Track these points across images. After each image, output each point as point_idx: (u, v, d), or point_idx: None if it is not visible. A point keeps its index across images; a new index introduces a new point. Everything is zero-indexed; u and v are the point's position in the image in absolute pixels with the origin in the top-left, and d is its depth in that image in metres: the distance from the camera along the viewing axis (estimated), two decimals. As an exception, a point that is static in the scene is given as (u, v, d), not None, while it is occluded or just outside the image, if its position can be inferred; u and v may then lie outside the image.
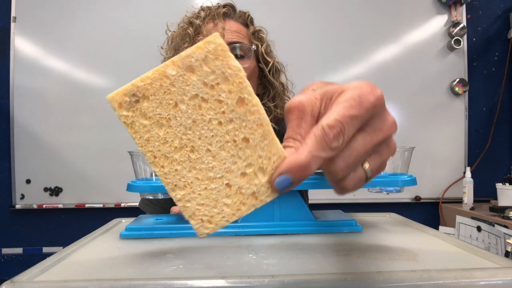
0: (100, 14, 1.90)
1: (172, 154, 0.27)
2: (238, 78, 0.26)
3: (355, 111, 0.26)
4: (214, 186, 0.28)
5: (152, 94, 0.27)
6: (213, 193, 0.28)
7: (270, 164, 0.27)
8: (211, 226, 0.28)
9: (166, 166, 0.28)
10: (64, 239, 1.89)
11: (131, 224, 0.52)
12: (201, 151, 0.27)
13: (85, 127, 1.89)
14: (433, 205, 2.00)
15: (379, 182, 0.51)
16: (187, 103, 0.27)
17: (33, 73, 1.87)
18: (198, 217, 0.28)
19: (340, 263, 0.37)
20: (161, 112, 0.27)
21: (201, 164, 0.27)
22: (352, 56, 1.98)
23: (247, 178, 0.27)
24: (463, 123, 2.00)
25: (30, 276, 0.33)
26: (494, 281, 0.32)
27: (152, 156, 0.27)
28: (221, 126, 0.27)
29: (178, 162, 0.27)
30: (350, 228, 0.52)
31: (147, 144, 0.27)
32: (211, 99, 0.27)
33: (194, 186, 0.28)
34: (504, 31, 2.04)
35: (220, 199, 0.28)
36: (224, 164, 0.27)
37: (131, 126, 0.27)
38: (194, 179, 0.28)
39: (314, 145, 0.25)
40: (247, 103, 0.26)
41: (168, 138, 0.27)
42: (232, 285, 0.31)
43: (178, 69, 0.26)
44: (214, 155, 0.27)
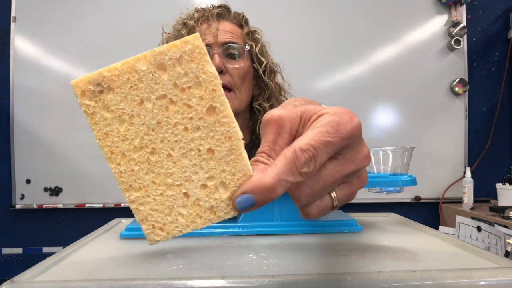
0: (100, 14, 1.90)
1: (131, 153, 0.26)
2: (212, 85, 0.25)
3: (330, 138, 0.25)
4: (170, 193, 0.26)
5: (118, 87, 0.25)
6: (169, 200, 0.26)
7: (234, 180, 0.26)
8: (162, 234, 0.27)
9: (123, 165, 0.26)
10: (64, 239, 1.89)
11: (131, 224, 0.52)
12: (162, 155, 0.26)
13: (85, 127, 1.88)
14: (433, 205, 2.00)
15: (379, 182, 0.51)
16: (154, 102, 0.25)
17: (33, 73, 1.87)
18: (150, 223, 0.27)
19: (340, 263, 0.37)
20: (125, 107, 0.25)
21: (160, 168, 0.26)
22: (352, 56, 1.97)
23: (207, 190, 0.26)
24: (463, 123, 2.00)
25: (30, 276, 0.33)
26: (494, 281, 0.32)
27: (109, 152, 0.26)
28: (186, 132, 0.25)
29: (136, 163, 0.26)
30: (350, 228, 0.52)
31: (105, 138, 0.26)
32: (180, 103, 0.25)
33: (149, 189, 0.26)
34: (504, 31, 2.04)
35: (175, 207, 0.26)
36: (185, 172, 0.26)
37: (91, 117, 0.26)
38: (151, 182, 0.26)
39: (283, 167, 0.24)
40: (218, 113, 0.25)
41: (129, 135, 0.26)
42: (232, 285, 0.31)
43: (149, 65, 0.25)
44: (175, 161, 0.26)
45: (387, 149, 0.52)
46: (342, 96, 1.94)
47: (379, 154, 0.52)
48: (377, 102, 1.99)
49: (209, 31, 0.78)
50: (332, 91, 1.94)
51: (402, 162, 0.52)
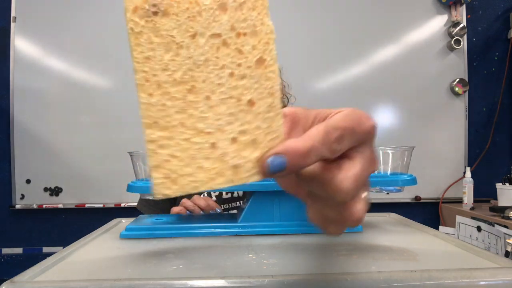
0: (100, 14, 1.90)
1: (168, 86, 0.24)
2: (267, 37, 0.24)
3: (356, 127, 0.25)
4: (198, 141, 0.24)
5: (175, 13, 0.23)
6: (193, 148, 0.24)
7: (266, 141, 0.24)
8: (174, 188, 0.24)
9: (155, 96, 0.24)
10: (64, 239, 1.89)
11: (131, 224, 0.52)
12: (201, 95, 0.24)
13: (85, 127, 1.89)
14: (433, 205, 2.00)
15: (379, 181, 0.51)
16: (207, 38, 0.24)
17: (33, 73, 1.87)
18: (164, 171, 0.23)
19: (340, 263, 0.37)
20: (176, 36, 0.23)
21: (195, 110, 0.24)
22: (352, 56, 1.97)
23: (236, 146, 0.24)
24: (463, 123, 2.00)
25: (30, 276, 0.33)
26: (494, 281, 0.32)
27: (144, 79, 0.24)
28: (232, 77, 0.24)
29: (171, 97, 0.24)
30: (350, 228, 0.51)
31: (145, 62, 0.24)
32: (233, 46, 0.24)
33: (175, 131, 0.24)
34: (504, 31, 2.04)
35: (198, 158, 0.24)
36: (219, 120, 0.24)
37: (136, 36, 0.23)
38: (180, 123, 0.24)
39: (318, 137, 0.23)
40: (266, 66, 0.24)
41: (172, 66, 0.24)
42: (232, 285, 0.31)
43: (212, 2, 0.24)
44: (212, 106, 0.24)
45: (387, 149, 0.52)
46: (342, 96, 1.94)
47: (379, 154, 0.52)
48: (377, 102, 1.99)
49: None
50: (332, 91, 1.94)
51: (402, 161, 0.52)
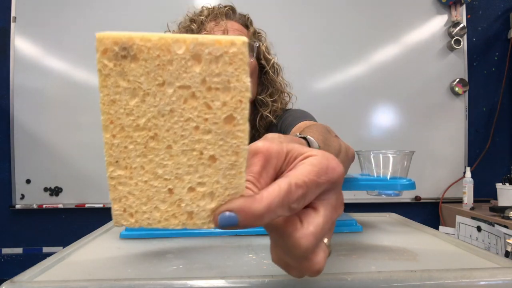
0: (100, 14, 1.90)
1: (131, 130, 0.24)
2: (240, 95, 0.23)
3: (321, 180, 0.25)
4: (155, 184, 0.25)
5: (144, 60, 0.23)
6: (151, 190, 0.25)
7: (224, 195, 0.25)
8: (131, 221, 0.26)
9: (118, 138, 0.24)
10: (64, 239, 1.89)
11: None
12: (162, 144, 0.24)
13: (85, 127, 1.89)
14: (433, 205, 2.00)
15: (378, 185, 0.51)
16: (176, 89, 0.24)
17: (33, 73, 1.87)
18: (123, 205, 0.26)
19: (340, 263, 0.37)
20: (143, 83, 0.23)
21: (155, 156, 0.25)
22: (352, 56, 1.97)
23: (193, 195, 0.25)
24: (463, 123, 2.00)
25: (30, 276, 0.33)
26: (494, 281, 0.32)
27: (109, 121, 0.24)
28: (196, 131, 0.24)
29: (132, 141, 0.24)
30: (350, 228, 0.52)
31: (110, 105, 0.24)
32: (202, 100, 0.24)
33: (135, 173, 0.25)
34: (504, 31, 2.04)
35: (154, 200, 0.25)
36: (178, 169, 0.25)
37: (103, 78, 0.24)
38: (140, 166, 0.25)
39: (276, 198, 0.23)
40: (235, 124, 0.24)
41: (136, 112, 0.24)
42: (232, 285, 0.31)
43: (186, 51, 0.23)
44: (173, 155, 0.24)
45: (387, 153, 0.52)
46: (342, 96, 1.94)
47: (379, 158, 0.52)
48: (377, 102, 1.99)
49: (218, 28, 0.80)
50: (332, 91, 1.93)
51: (402, 166, 0.52)
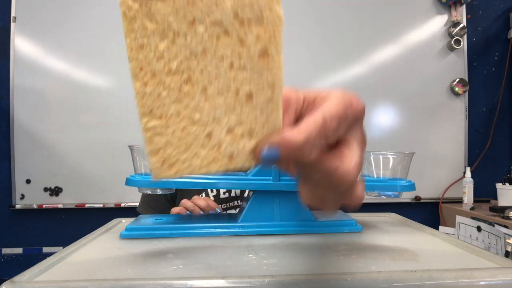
0: (100, 14, 1.90)
1: (163, 75, 0.23)
2: (274, 27, 0.22)
3: (349, 113, 0.25)
4: (193, 130, 0.24)
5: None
6: (189, 137, 0.24)
7: (262, 132, 0.24)
8: (171, 172, 0.24)
9: (150, 86, 0.23)
10: (64, 239, 1.89)
11: (131, 224, 0.52)
12: (197, 87, 0.23)
13: (85, 127, 1.89)
14: (433, 205, 2.00)
15: (377, 186, 0.51)
16: (207, 26, 0.22)
17: (33, 73, 1.87)
18: (161, 156, 0.24)
19: (340, 263, 0.37)
20: (173, 22, 0.22)
21: (191, 100, 0.23)
22: (352, 56, 1.97)
23: (232, 136, 0.24)
24: (463, 123, 2.00)
25: (30, 276, 0.33)
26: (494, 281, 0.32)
27: (138, 67, 0.23)
28: (231, 69, 0.23)
29: (166, 87, 0.23)
30: (350, 228, 0.52)
31: (139, 50, 0.23)
32: (234, 35, 0.22)
33: (172, 120, 0.24)
34: (504, 31, 2.04)
35: (194, 146, 0.24)
36: (215, 111, 0.24)
37: (129, 21, 0.22)
38: (176, 113, 0.24)
39: (313, 129, 0.23)
40: (270, 59, 0.23)
41: (167, 55, 0.23)
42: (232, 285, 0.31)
43: None
44: (208, 97, 0.23)
45: (387, 154, 0.52)
46: (342, 96, 1.93)
47: (379, 158, 0.52)
48: (377, 102, 1.99)
49: None
50: None
51: (402, 167, 0.52)
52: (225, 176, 0.52)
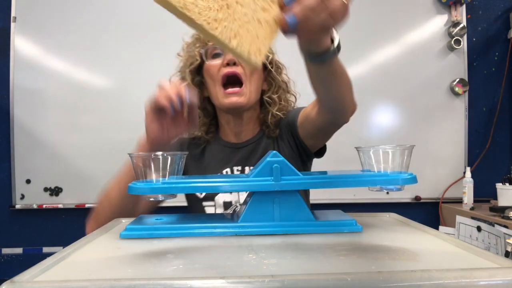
0: (100, 14, 1.90)
1: (217, 15, 0.37)
2: None
3: None
4: (251, 27, 0.39)
5: None
6: (252, 31, 0.39)
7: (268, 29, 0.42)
8: (261, 56, 0.40)
9: (219, 27, 0.37)
10: (64, 239, 1.88)
11: (131, 224, 0.52)
12: (233, 5, 0.38)
13: (85, 127, 1.89)
14: (433, 205, 2.00)
15: (379, 180, 0.51)
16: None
17: (33, 73, 1.87)
18: (252, 53, 0.39)
19: (340, 263, 0.37)
20: None
21: (237, 14, 0.38)
22: (352, 56, 1.97)
23: (267, 12, 0.41)
24: (463, 123, 2.00)
25: (30, 276, 0.33)
26: (494, 281, 0.32)
27: (207, 23, 0.36)
28: (251, 11, 0.40)
29: (224, 19, 0.37)
30: (350, 228, 0.52)
31: (199, 16, 0.36)
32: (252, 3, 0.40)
33: (240, 32, 0.38)
34: (504, 31, 2.04)
35: (258, 33, 0.40)
36: (250, 8, 0.39)
37: (186, 9, 0.35)
38: (239, 27, 0.38)
39: None
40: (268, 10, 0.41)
41: (210, 4, 0.37)
42: (232, 285, 0.31)
43: None
44: (242, 4, 0.39)
45: (387, 148, 0.52)
46: (342, 96, 1.94)
47: (379, 153, 0.52)
48: (377, 102, 1.99)
49: None
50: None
51: (402, 160, 0.52)
52: (225, 179, 0.52)
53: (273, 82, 0.93)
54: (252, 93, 0.87)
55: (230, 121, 0.92)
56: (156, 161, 0.51)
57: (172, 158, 0.51)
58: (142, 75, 1.79)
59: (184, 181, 0.51)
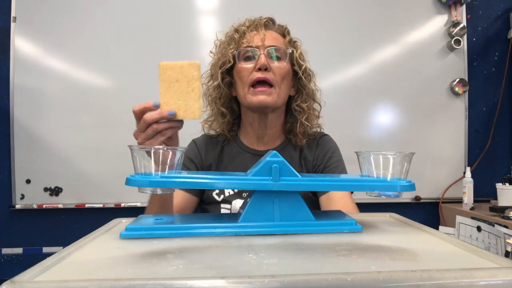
0: (100, 14, 1.90)
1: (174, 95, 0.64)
2: (194, 82, 0.64)
3: None
4: (180, 102, 0.64)
5: None
6: (181, 104, 0.64)
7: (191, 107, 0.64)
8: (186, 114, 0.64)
9: (164, 98, 0.64)
10: (64, 239, 1.89)
11: (131, 224, 0.52)
12: (177, 97, 0.64)
13: (85, 127, 1.89)
14: (433, 205, 2.00)
15: (378, 186, 0.51)
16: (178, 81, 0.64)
17: (33, 73, 1.87)
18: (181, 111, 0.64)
19: (340, 263, 0.37)
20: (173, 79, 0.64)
21: (177, 100, 0.64)
22: (352, 56, 1.97)
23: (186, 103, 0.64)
24: (463, 123, 2.00)
25: (30, 276, 0.33)
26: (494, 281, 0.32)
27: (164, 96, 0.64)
28: (182, 93, 0.64)
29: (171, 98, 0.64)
30: (350, 228, 0.52)
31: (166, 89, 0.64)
32: (184, 84, 0.64)
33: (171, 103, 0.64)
34: (504, 31, 2.04)
35: (185, 104, 0.64)
36: (181, 100, 0.64)
37: (162, 78, 0.64)
38: (178, 101, 0.64)
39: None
40: (192, 92, 0.64)
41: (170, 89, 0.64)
42: (232, 285, 0.31)
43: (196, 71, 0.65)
44: (179, 99, 0.64)
45: (387, 154, 0.52)
46: (342, 96, 1.94)
47: (379, 159, 0.52)
48: (377, 102, 1.99)
49: (258, 36, 0.90)
50: (332, 91, 1.93)
51: (402, 167, 0.52)
52: (225, 177, 0.53)
53: (303, 90, 0.94)
54: (281, 95, 0.88)
55: (255, 122, 0.93)
56: (156, 154, 0.51)
57: (172, 153, 0.51)
58: (142, 75, 1.79)
59: (182, 176, 0.51)
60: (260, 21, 0.94)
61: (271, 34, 0.93)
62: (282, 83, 0.88)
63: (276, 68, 0.87)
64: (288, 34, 0.99)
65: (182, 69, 0.63)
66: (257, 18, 0.95)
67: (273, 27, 0.97)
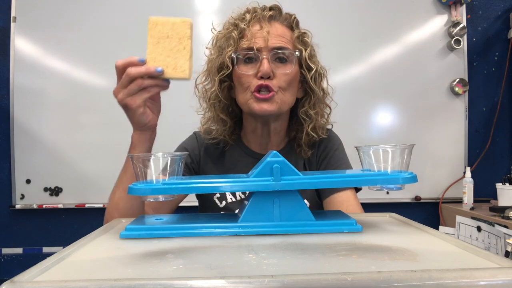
0: (100, 14, 1.90)
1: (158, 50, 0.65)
2: (185, 39, 0.64)
3: None
4: (170, 59, 0.64)
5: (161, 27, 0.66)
6: (170, 60, 0.64)
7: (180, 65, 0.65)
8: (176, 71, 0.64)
9: (152, 54, 0.64)
10: (64, 239, 1.89)
11: (131, 224, 0.52)
12: (167, 52, 0.64)
13: (85, 127, 1.89)
14: (433, 205, 2.00)
15: (380, 179, 0.51)
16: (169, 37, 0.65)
17: (33, 73, 1.87)
18: (169, 68, 0.64)
19: (340, 263, 0.37)
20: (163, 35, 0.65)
21: (167, 57, 0.64)
22: (352, 56, 1.97)
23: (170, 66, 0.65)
24: (463, 123, 2.00)
25: (30, 276, 0.33)
26: (494, 281, 0.32)
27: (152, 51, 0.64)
28: (173, 49, 0.65)
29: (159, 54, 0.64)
30: (350, 228, 0.51)
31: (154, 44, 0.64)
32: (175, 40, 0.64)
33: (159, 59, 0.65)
34: (504, 31, 2.04)
35: (175, 61, 0.64)
36: (172, 55, 0.64)
37: (151, 33, 0.65)
38: (167, 57, 0.64)
39: None
40: (184, 50, 0.64)
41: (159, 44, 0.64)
42: (232, 285, 0.31)
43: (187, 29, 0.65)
44: (169, 56, 0.63)
45: (386, 147, 0.52)
46: (342, 96, 1.93)
47: (379, 152, 0.52)
48: (377, 102, 1.99)
49: (260, 35, 0.78)
50: (332, 91, 1.93)
51: (402, 159, 0.52)
52: (226, 179, 0.52)
53: (311, 92, 0.85)
54: (285, 101, 0.80)
55: (258, 129, 0.85)
56: (156, 161, 0.51)
57: (172, 159, 0.51)
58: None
59: (184, 181, 0.51)
60: (264, 13, 0.81)
61: (276, 29, 0.80)
62: (288, 89, 0.80)
63: (281, 74, 0.78)
64: (296, 26, 0.86)
65: (174, 25, 0.60)
66: (260, 8, 0.83)
67: (280, 18, 0.83)
